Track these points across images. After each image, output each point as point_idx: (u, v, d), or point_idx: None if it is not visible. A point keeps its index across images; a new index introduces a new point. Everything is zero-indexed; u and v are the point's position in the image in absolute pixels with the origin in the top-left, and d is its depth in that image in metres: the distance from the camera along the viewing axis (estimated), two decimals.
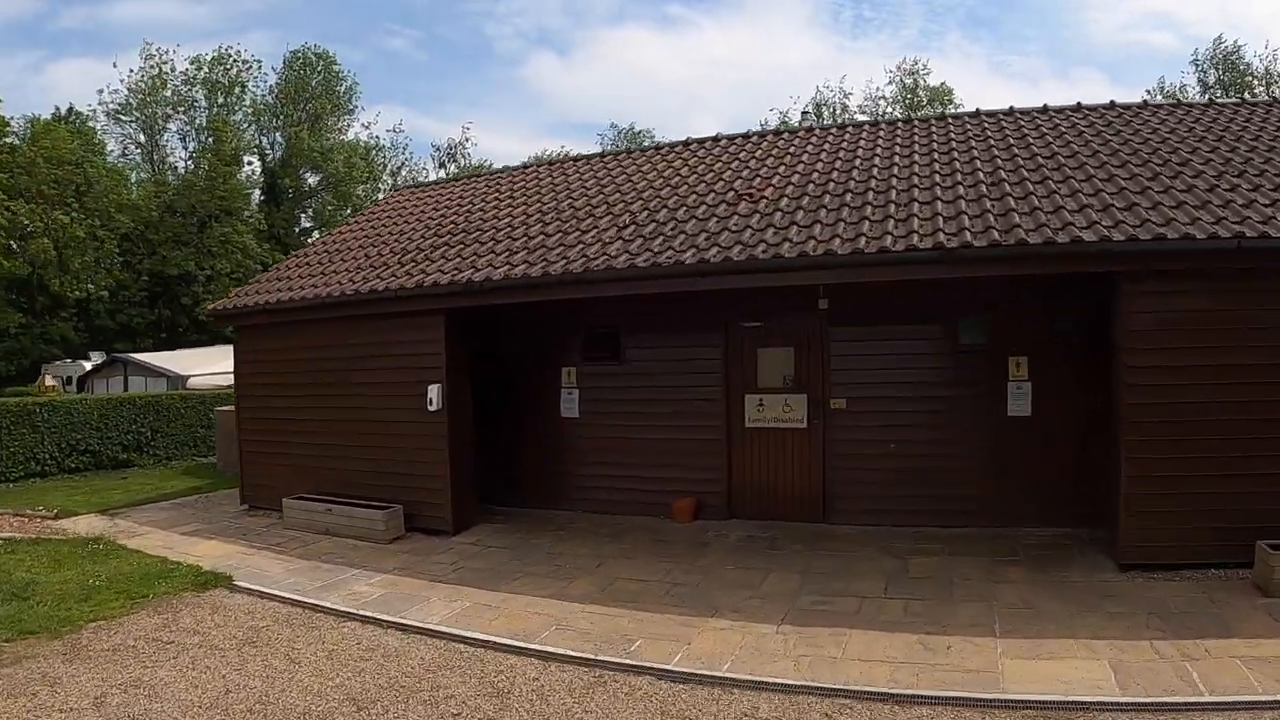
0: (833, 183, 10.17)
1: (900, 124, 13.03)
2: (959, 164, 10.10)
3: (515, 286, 9.45)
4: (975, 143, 11.00)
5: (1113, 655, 5.77)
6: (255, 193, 45.91)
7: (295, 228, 45.86)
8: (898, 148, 11.38)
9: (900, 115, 27.32)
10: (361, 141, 48.35)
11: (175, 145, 45.17)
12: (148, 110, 43.37)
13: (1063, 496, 9.17)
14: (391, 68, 76.50)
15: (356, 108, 48.67)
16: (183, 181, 42.14)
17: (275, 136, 46.61)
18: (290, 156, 45.47)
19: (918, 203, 8.90)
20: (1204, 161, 9.28)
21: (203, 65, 43.97)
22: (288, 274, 13.04)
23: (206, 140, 43.22)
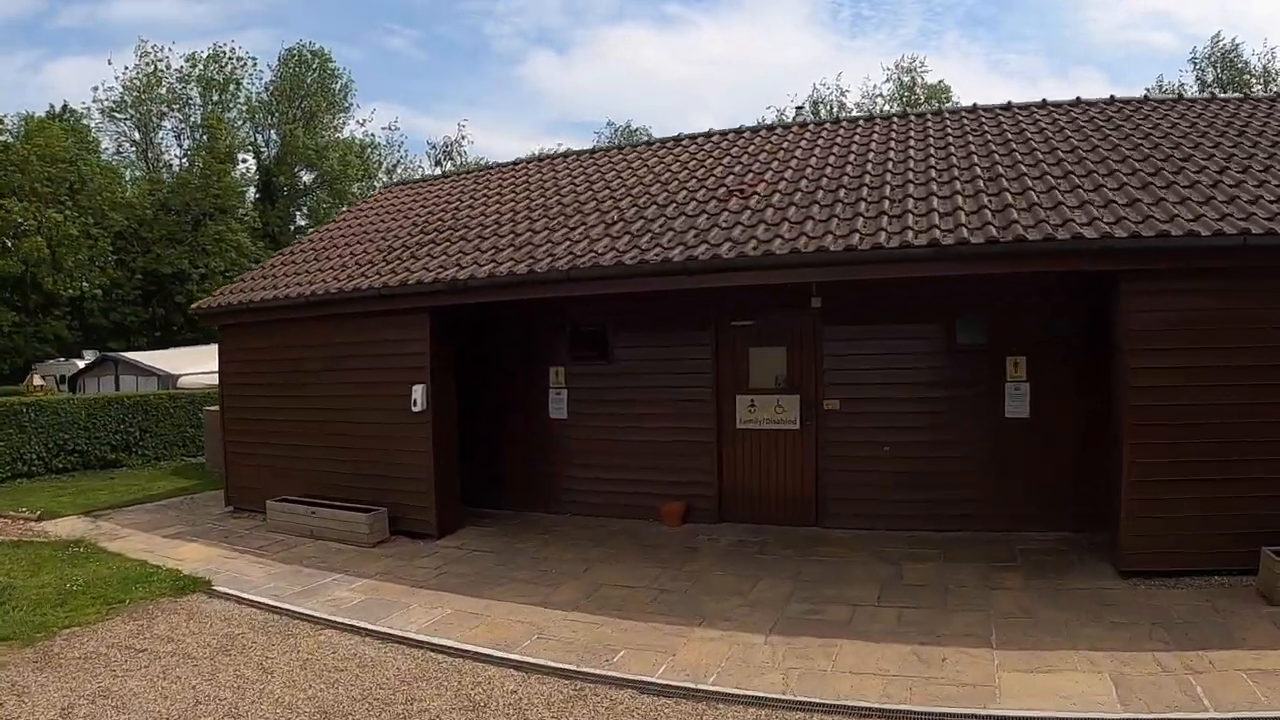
0: (826, 178, 9.95)
1: (896, 119, 12.79)
2: (955, 159, 9.87)
3: (500, 285, 9.23)
4: (972, 138, 10.77)
5: (1114, 668, 5.56)
6: (250, 191, 45.69)
7: (290, 226, 45.60)
8: (893, 143, 11.14)
9: (896, 110, 27.06)
10: (357, 139, 48.25)
11: (170, 143, 45.07)
12: (143, 108, 43.14)
13: (1062, 500, 8.97)
14: (390, 67, 76.48)
15: (352, 105, 48.62)
16: (177, 179, 41.88)
17: (270, 134, 46.42)
18: (285, 154, 45.24)
19: (913, 199, 8.66)
20: (1207, 157, 9.06)
21: (198, 63, 43.82)
22: (273, 272, 12.83)
23: (201, 138, 43.00)
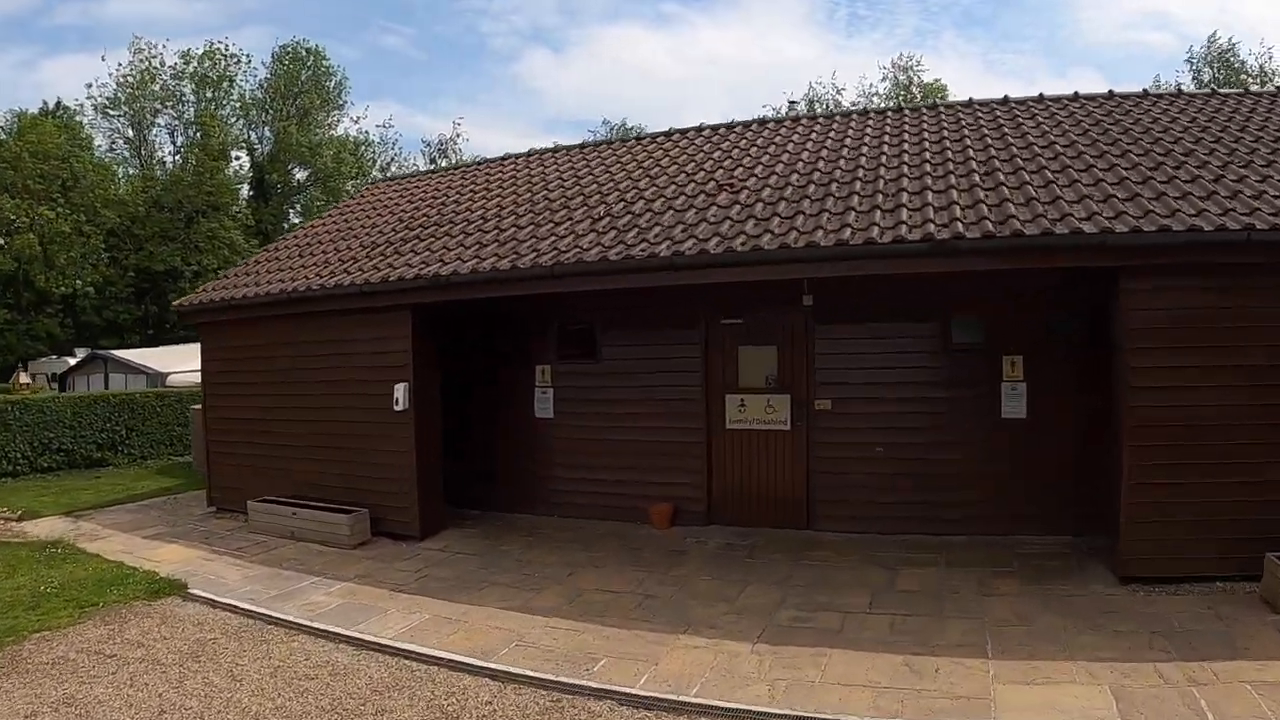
0: (818, 172, 9.73)
1: (890, 113, 12.58)
2: (951, 153, 9.65)
3: (482, 281, 9.01)
4: (968, 132, 10.55)
5: (1114, 679, 5.34)
6: (244, 188, 45.41)
7: (284, 223, 45.19)
8: (887, 137, 10.93)
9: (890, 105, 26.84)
10: (351, 137, 47.93)
11: (163, 140, 44.70)
12: (136, 104, 42.78)
13: (1060, 503, 8.75)
14: (386, 65, 76.17)
15: (346, 103, 48.13)
16: (170, 176, 41.56)
17: (264, 131, 46.10)
18: (279, 151, 44.90)
19: (907, 193, 8.43)
20: (1208, 152, 8.85)
21: (191, 60, 43.50)
22: (256, 269, 12.65)
23: (194, 135, 42.67)
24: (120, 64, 47.81)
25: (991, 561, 8.09)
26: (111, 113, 42.77)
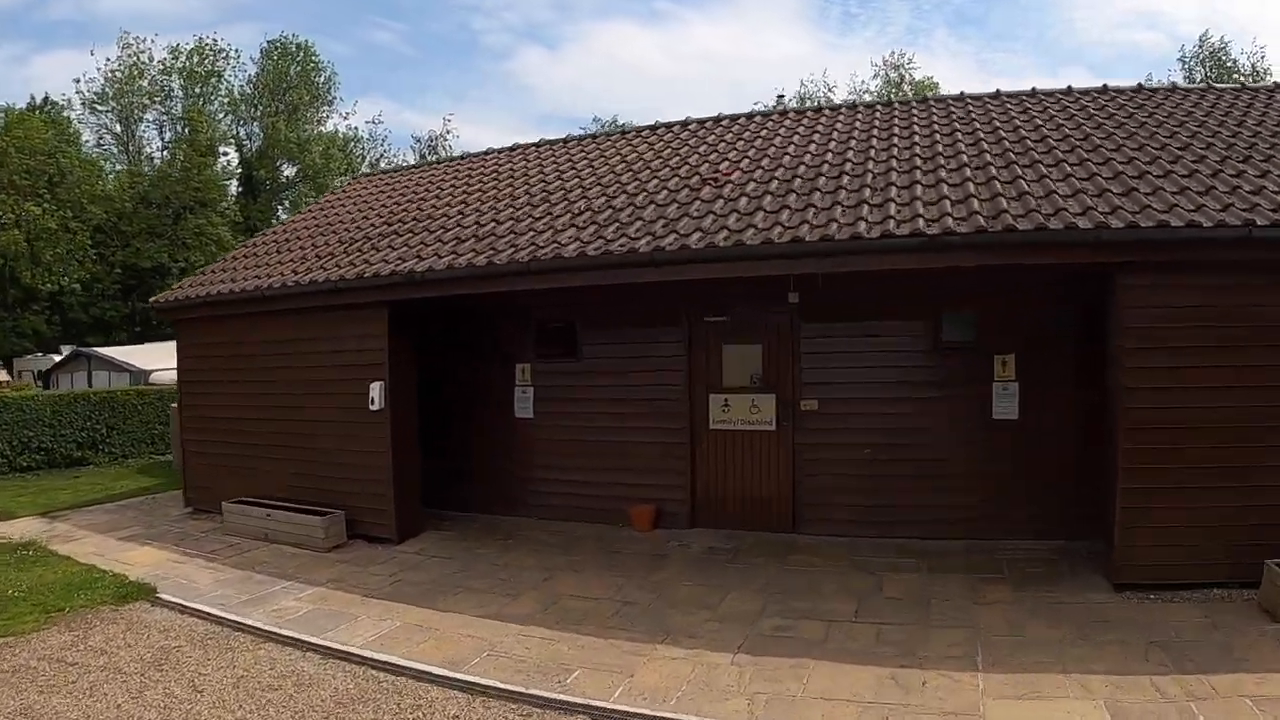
0: (804, 166, 9.47)
1: (880, 107, 12.34)
2: (941, 148, 9.41)
3: (458, 278, 8.77)
4: (959, 126, 10.31)
5: (1109, 694, 5.12)
6: (232, 184, 45.03)
7: (272, 220, 44.80)
8: (876, 131, 10.69)
9: (880, 98, 26.59)
10: (340, 133, 47.59)
11: (151, 136, 44.35)
12: (124, 100, 42.45)
13: (1052, 506, 8.53)
14: (378, 61, 75.79)
15: (335, 99, 47.80)
16: (157, 172, 41.21)
17: (253, 127, 45.73)
18: (267, 147, 44.55)
19: (896, 187, 8.19)
20: (1205, 146, 8.63)
21: (180, 55, 43.15)
22: (233, 265, 12.38)
23: (182, 131, 42.33)
24: (108, 59, 47.35)
25: (982, 567, 7.88)
26: (99, 108, 42.47)
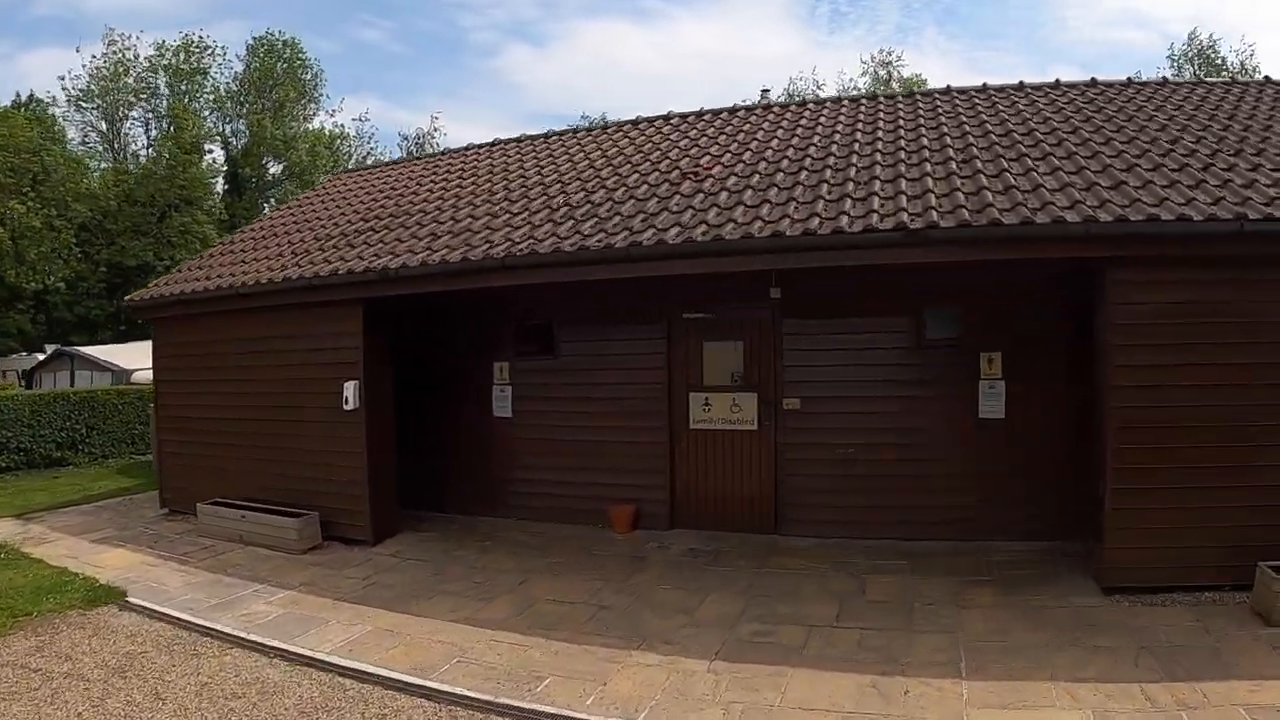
0: (787, 160, 9.30)
1: (864, 100, 12.17)
2: (927, 141, 9.23)
3: (432, 274, 8.57)
4: (945, 119, 10.14)
5: (1097, 702, 4.95)
6: (218, 182, 44.67)
7: (257, 217, 44.69)
8: (860, 124, 10.51)
9: (865, 92, 26.40)
10: (326, 130, 47.23)
11: (137, 133, 43.93)
12: (109, 97, 42.09)
13: (1039, 507, 8.37)
14: (366, 59, 75.40)
15: (322, 96, 47.40)
16: (143, 170, 40.85)
17: (239, 124, 45.33)
18: (253, 145, 44.20)
19: (879, 180, 8.01)
20: (1195, 140, 8.50)
21: (166, 52, 42.80)
22: (209, 262, 12.15)
23: (168, 128, 41.97)
24: (94, 56, 46.97)
25: (967, 569, 7.71)
26: (85, 105, 42.08)
